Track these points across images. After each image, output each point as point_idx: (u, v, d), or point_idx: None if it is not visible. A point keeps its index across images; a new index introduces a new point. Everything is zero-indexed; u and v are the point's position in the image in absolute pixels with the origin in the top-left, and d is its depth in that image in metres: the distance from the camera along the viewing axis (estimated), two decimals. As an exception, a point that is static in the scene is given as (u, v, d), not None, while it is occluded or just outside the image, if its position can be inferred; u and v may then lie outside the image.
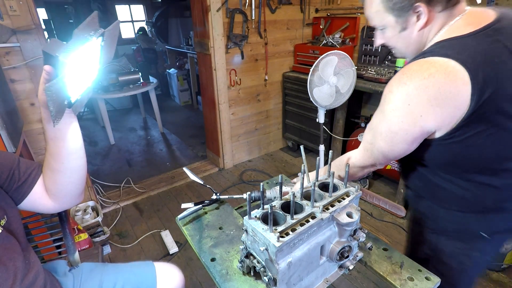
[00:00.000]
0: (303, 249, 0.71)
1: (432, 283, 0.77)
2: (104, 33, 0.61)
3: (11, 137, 1.46)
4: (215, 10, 2.48)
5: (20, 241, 0.79)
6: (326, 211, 0.74)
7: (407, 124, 0.70)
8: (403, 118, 0.69)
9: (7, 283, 0.71)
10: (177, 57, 5.68)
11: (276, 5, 2.82)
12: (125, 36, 6.65)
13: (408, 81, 0.67)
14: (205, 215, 1.06)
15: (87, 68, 0.64)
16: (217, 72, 2.70)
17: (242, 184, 2.86)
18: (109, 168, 3.26)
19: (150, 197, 2.70)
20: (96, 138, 4.09)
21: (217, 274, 0.81)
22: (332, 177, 0.78)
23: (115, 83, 3.71)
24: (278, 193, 0.78)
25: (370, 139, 0.82)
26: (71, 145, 0.75)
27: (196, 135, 4.07)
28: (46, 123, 0.71)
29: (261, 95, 3.12)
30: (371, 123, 0.81)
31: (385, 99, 0.73)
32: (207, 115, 3.08)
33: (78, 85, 0.63)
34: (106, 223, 2.35)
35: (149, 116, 4.87)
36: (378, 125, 0.77)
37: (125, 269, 1.07)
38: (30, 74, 1.89)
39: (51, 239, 1.26)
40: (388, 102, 0.72)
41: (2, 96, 1.56)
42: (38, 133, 2.04)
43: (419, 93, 0.65)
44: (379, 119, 0.76)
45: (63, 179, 0.80)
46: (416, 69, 0.67)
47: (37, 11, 1.84)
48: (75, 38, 0.55)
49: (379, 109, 0.76)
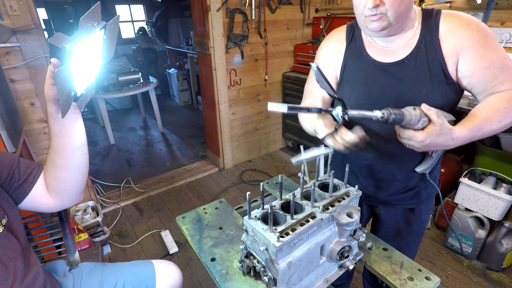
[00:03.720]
0: (303, 249, 0.71)
1: (432, 283, 0.77)
2: (106, 25, 0.62)
3: (11, 137, 1.46)
4: (215, 10, 2.48)
5: (20, 240, 0.79)
6: (326, 211, 0.74)
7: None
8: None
9: (7, 283, 0.71)
10: (177, 57, 5.68)
11: (276, 5, 2.82)
12: (125, 36, 6.64)
13: (478, 21, 0.79)
14: (205, 215, 1.06)
15: (91, 62, 0.65)
16: (217, 72, 2.70)
17: (242, 184, 2.86)
18: (109, 168, 3.26)
19: (150, 197, 2.70)
20: (96, 138, 4.09)
21: (217, 274, 0.81)
22: (332, 177, 0.78)
23: (115, 83, 3.71)
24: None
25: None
26: (75, 141, 0.76)
27: (196, 135, 4.07)
28: (51, 119, 0.71)
29: (261, 95, 3.12)
30: (493, 62, 0.79)
31: (488, 36, 0.78)
32: (207, 115, 3.08)
33: (82, 78, 0.64)
34: (106, 223, 2.35)
35: (149, 116, 4.87)
36: (505, 56, 0.80)
37: (125, 268, 1.08)
38: (30, 74, 1.89)
39: (51, 239, 1.26)
40: (492, 37, 0.79)
41: (2, 96, 1.56)
42: (38, 133, 2.04)
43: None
44: (500, 53, 0.79)
45: (66, 175, 0.80)
46: (466, 15, 0.82)
47: (37, 11, 1.84)
48: (81, 27, 0.56)
49: (489, 47, 0.78)
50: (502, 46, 0.78)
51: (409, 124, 0.73)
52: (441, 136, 0.73)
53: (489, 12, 2.03)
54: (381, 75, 0.89)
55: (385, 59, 0.88)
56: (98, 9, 0.58)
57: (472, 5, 2.09)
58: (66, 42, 0.56)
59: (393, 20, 0.77)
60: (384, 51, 0.89)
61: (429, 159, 0.93)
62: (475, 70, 0.80)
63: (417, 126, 0.74)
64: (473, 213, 1.84)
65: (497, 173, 1.81)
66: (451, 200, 1.99)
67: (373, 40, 0.90)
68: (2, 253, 0.72)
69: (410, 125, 0.73)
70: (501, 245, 1.76)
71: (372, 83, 0.90)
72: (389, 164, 0.96)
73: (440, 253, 1.97)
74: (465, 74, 0.81)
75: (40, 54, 1.87)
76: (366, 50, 0.92)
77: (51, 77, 0.64)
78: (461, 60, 0.80)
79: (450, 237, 1.96)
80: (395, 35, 0.85)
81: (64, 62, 0.57)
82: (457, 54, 0.80)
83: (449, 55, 0.81)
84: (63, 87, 0.57)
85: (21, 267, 0.76)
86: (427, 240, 2.07)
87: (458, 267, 1.86)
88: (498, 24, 2.03)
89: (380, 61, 0.89)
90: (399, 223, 1.09)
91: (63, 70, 0.55)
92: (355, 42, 0.94)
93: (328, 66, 0.99)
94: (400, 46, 0.86)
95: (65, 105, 0.60)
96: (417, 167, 0.94)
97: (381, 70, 0.89)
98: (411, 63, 0.85)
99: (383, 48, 0.88)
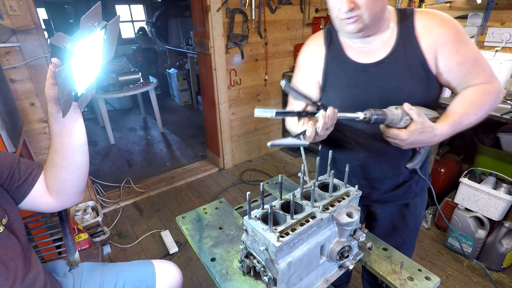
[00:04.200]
0: (303, 249, 0.71)
1: (432, 283, 0.77)
2: (106, 25, 0.62)
3: (11, 137, 1.46)
4: (215, 10, 2.48)
5: (21, 240, 0.79)
6: (326, 211, 0.74)
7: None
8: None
9: (7, 283, 0.71)
10: (177, 57, 5.68)
11: (276, 5, 2.82)
12: (125, 36, 6.65)
13: (451, 18, 0.82)
14: (205, 215, 1.06)
15: (91, 61, 0.65)
16: (217, 72, 2.70)
17: (242, 184, 2.86)
18: (109, 168, 3.26)
19: (150, 197, 2.70)
20: (96, 138, 4.09)
21: (217, 274, 0.81)
22: (332, 177, 0.78)
23: (115, 83, 3.71)
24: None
25: (485, 63, 0.84)
26: (76, 141, 0.76)
27: (196, 135, 4.07)
28: (52, 119, 0.71)
29: (261, 95, 3.12)
30: (467, 57, 0.82)
31: (461, 32, 0.82)
32: (207, 115, 3.08)
33: (83, 78, 0.64)
34: (106, 223, 2.35)
35: (149, 116, 4.87)
36: (477, 51, 0.83)
37: (125, 268, 1.08)
38: (30, 74, 1.89)
39: (51, 239, 1.26)
40: (464, 33, 0.83)
41: (2, 96, 1.56)
42: (38, 133, 2.04)
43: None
44: (472, 49, 0.83)
45: (66, 175, 0.80)
46: (440, 12, 0.84)
47: (37, 11, 1.84)
48: (82, 27, 0.56)
49: (462, 43, 0.81)
50: (473, 41, 0.86)
51: (392, 123, 0.77)
52: (423, 134, 0.77)
53: (489, 12, 2.03)
54: (364, 76, 0.89)
55: (366, 59, 0.89)
56: (98, 9, 0.58)
57: (472, 5, 2.09)
58: (66, 42, 0.56)
59: (368, 22, 0.79)
60: (364, 52, 0.89)
61: (418, 155, 0.95)
62: (451, 65, 0.83)
63: (400, 124, 0.77)
64: (473, 213, 1.84)
65: (497, 173, 1.81)
66: (451, 200, 1.99)
67: (351, 41, 0.91)
68: (2, 253, 0.72)
69: (393, 124, 0.77)
70: (501, 245, 1.76)
71: (355, 85, 0.91)
72: (380, 163, 0.97)
73: (440, 253, 1.98)
74: (444, 70, 0.84)
75: (40, 54, 1.87)
76: (345, 52, 0.92)
77: (51, 77, 0.64)
78: (439, 56, 0.83)
79: (450, 237, 1.96)
80: (371, 36, 0.86)
81: (65, 62, 0.57)
82: (435, 50, 0.82)
83: (428, 51, 0.83)
84: (63, 87, 0.57)
85: (22, 267, 0.76)
86: (427, 240, 2.07)
87: (458, 267, 1.86)
88: (498, 24, 2.03)
89: (361, 62, 0.90)
90: (394, 219, 1.10)
91: (64, 69, 0.55)
92: (334, 45, 0.95)
93: (309, 73, 1.00)
94: (378, 46, 0.87)
95: (65, 105, 0.60)
96: (407, 163, 0.96)
97: (363, 71, 0.89)
98: (392, 62, 0.86)
99: (362, 49, 0.89)
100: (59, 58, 0.59)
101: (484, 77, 0.83)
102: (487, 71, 0.84)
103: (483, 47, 2.11)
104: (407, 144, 0.79)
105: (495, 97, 0.83)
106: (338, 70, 0.94)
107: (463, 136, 2.42)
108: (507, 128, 1.90)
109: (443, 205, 2.06)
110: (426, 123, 0.77)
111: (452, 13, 2.22)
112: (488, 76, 0.84)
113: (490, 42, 2.07)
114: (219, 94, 2.79)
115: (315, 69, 0.98)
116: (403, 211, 1.08)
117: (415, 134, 0.76)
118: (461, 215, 1.87)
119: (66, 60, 0.57)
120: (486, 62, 0.84)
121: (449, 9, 2.25)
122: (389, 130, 0.79)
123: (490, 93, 0.82)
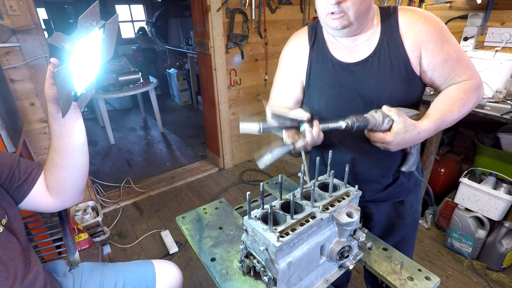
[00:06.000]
0: (303, 249, 0.71)
1: (432, 283, 0.77)
2: (105, 25, 0.62)
3: (11, 137, 1.46)
4: (215, 10, 2.48)
5: (20, 240, 0.79)
6: (326, 211, 0.74)
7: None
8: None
9: (7, 283, 0.71)
10: (177, 57, 5.68)
11: (276, 5, 2.82)
12: (125, 36, 6.64)
13: (434, 16, 0.82)
14: (205, 215, 1.06)
15: (90, 61, 0.65)
16: (217, 72, 2.70)
17: (242, 184, 2.86)
18: (109, 168, 3.26)
19: (150, 197, 2.70)
20: (96, 138, 4.09)
21: (217, 274, 0.81)
22: (332, 177, 0.78)
23: (115, 83, 3.71)
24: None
25: (468, 60, 0.85)
26: (76, 141, 0.76)
27: (196, 135, 4.07)
28: (52, 119, 0.71)
29: (261, 95, 3.12)
30: (450, 55, 0.83)
31: (444, 30, 0.82)
32: (207, 115, 3.08)
33: (82, 77, 0.64)
34: (106, 223, 2.35)
35: (149, 116, 4.87)
36: (459, 49, 0.84)
37: (125, 268, 1.08)
38: (30, 74, 1.89)
39: (51, 239, 1.26)
40: (447, 31, 0.83)
41: (2, 96, 1.56)
42: (38, 133, 2.04)
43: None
44: (455, 46, 0.83)
45: (66, 175, 0.80)
46: (422, 10, 0.84)
47: (37, 11, 1.84)
48: (80, 26, 0.56)
49: (445, 40, 0.82)
50: (455, 39, 0.85)
51: (375, 127, 0.78)
52: (407, 133, 0.78)
53: (489, 12, 2.03)
54: (347, 76, 0.89)
55: (349, 59, 0.89)
56: (96, 8, 0.58)
57: (472, 5, 2.09)
58: (65, 41, 0.56)
59: (353, 20, 0.79)
60: (348, 51, 0.89)
61: (410, 156, 0.95)
62: (436, 63, 0.83)
63: (384, 127, 0.78)
64: (473, 213, 1.84)
65: (497, 173, 1.81)
66: (451, 200, 1.99)
67: (336, 39, 0.90)
68: (2, 253, 0.72)
69: (376, 127, 0.78)
70: (501, 245, 1.76)
71: (339, 85, 0.90)
72: (370, 164, 0.97)
73: (440, 253, 1.98)
74: (428, 68, 0.84)
75: (40, 54, 1.87)
76: (330, 51, 0.92)
77: (51, 77, 0.64)
78: (423, 54, 0.83)
79: (450, 237, 1.96)
80: (356, 35, 0.86)
81: (64, 62, 0.57)
82: (419, 48, 0.82)
83: (412, 49, 0.83)
84: (63, 87, 0.57)
85: (22, 267, 0.76)
86: (427, 240, 2.07)
87: (458, 267, 1.86)
88: (498, 24, 2.03)
89: (345, 61, 0.89)
90: (391, 218, 1.10)
91: (63, 69, 0.55)
92: (318, 43, 0.94)
93: (292, 72, 0.98)
94: (363, 44, 0.87)
95: (65, 105, 0.60)
96: (402, 166, 0.96)
97: (347, 70, 0.89)
98: (375, 61, 0.85)
99: (347, 46, 0.89)
100: (58, 58, 0.59)
101: (467, 74, 0.84)
102: (469, 68, 0.85)
103: (483, 47, 2.11)
104: (395, 145, 0.79)
105: (477, 94, 0.85)
106: (322, 70, 0.93)
107: (463, 136, 2.42)
108: (507, 128, 1.90)
109: (443, 205, 2.06)
110: (407, 121, 0.78)
111: (452, 13, 2.22)
112: (471, 73, 0.85)
113: (490, 42, 2.07)
114: (219, 94, 2.79)
115: (298, 68, 0.97)
116: (399, 209, 1.08)
117: (400, 134, 0.77)
118: (461, 215, 1.87)
119: (64, 60, 0.57)
120: (468, 58, 0.85)
121: (449, 9, 2.25)
122: (374, 135, 0.80)
123: (473, 89, 0.84)
